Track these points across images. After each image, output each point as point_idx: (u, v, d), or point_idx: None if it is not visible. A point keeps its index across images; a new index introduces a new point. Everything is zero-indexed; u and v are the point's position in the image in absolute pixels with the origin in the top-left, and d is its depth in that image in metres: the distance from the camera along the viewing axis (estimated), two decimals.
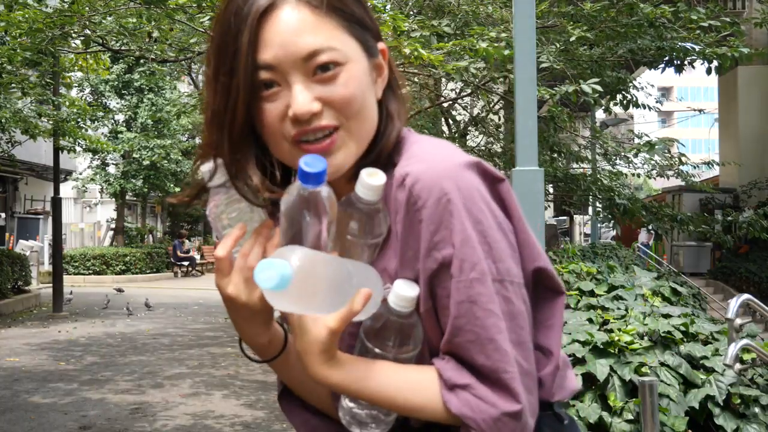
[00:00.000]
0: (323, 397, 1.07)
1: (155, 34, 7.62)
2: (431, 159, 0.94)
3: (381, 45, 1.01)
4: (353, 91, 0.94)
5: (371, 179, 0.92)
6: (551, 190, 11.89)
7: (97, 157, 21.39)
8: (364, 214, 0.93)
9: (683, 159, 10.70)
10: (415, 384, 0.93)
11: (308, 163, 0.88)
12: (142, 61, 12.13)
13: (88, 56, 10.67)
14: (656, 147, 8.73)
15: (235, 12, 0.92)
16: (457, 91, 10.00)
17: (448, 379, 0.91)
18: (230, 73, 0.92)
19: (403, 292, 0.91)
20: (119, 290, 16.54)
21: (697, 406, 3.01)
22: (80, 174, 23.01)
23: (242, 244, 0.96)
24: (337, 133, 0.94)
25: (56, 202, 13.70)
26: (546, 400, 0.97)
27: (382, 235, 0.95)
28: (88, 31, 7.65)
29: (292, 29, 0.91)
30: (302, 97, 0.91)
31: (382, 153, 0.99)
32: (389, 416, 0.97)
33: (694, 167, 12.42)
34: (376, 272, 0.94)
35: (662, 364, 3.17)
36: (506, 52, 5.36)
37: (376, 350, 0.94)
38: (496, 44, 5.56)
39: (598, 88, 6.04)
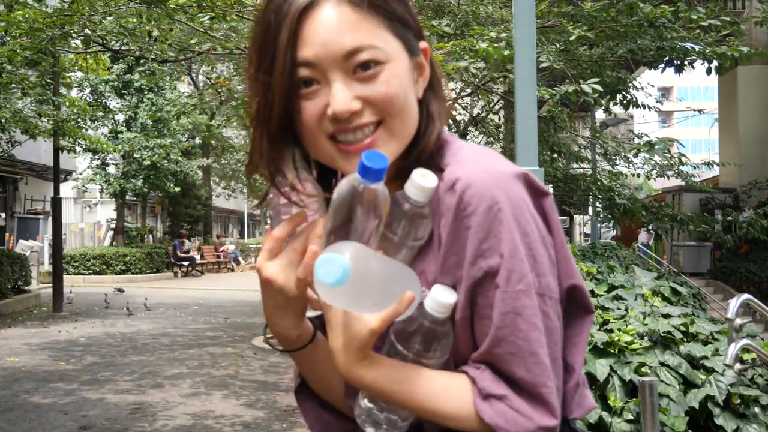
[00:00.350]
0: (342, 395, 1.06)
1: (155, 33, 7.62)
2: (482, 166, 0.93)
3: (423, 44, 1.00)
4: (395, 90, 0.93)
5: (424, 180, 0.90)
6: (551, 191, 11.88)
7: (97, 157, 21.40)
8: (410, 214, 0.92)
9: (683, 159, 10.70)
10: (448, 390, 0.91)
11: (370, 157, 0.86)
12: (142, 61, 12.12)
13: (88, 56, 10.67)
14: (656, 147, 8.73)
15: (275, 10, 0.92)
16: (457, 91, 10.00)
17: (483, 388, 0.90)
18: (269, 71, 0.92)
19: (442, 298, 0.90)
20: (120, 290, 16.53)
21: (697, 406, 3.02)
22: (80, 174, 23.02)
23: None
24: (379, 131, 0.93)
25: (56, 202, 13.70)
26: (564, 417, 0.97)
27: (423, 239, 0.94)
28: (88, 31, 7.65)
29: (333, 27, 0.90)
30: (342, 96, 0.90)
31: (423, 154, 0.98)
32: (405, 421, 0.96)
33: (694, 167, 12.42)
34: (415, 275, 0.92)
35: (662, 364, 3.17)
36: (506, 52, 5.36)
37: (405, 353, 0.93)
38: (496, 44, 5.56)
39: (598, 87, 6.03)
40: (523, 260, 0.89)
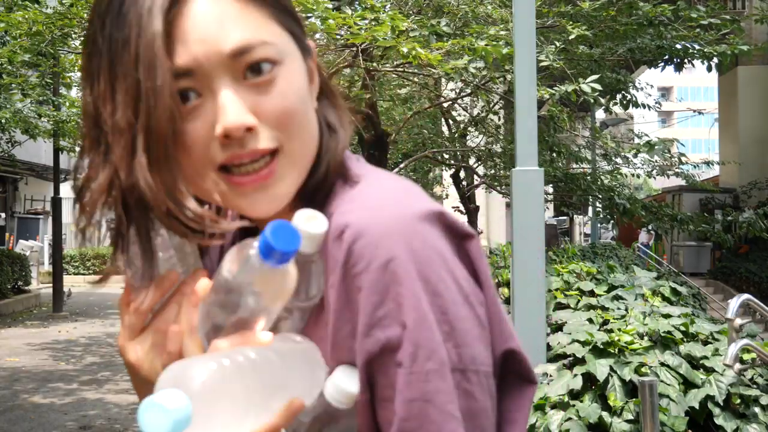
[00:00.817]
0: None
1: None
2: (379, 206, 0.73)
3: (310, 42, 0.82)
4: (293, 102, 0.74)
5: (310, 225, 0.72)
6: (551, 190, 11.89)
7: None
8: (297, 267, 0.72)
9: (683, 159, 10.71)
10: None
11: (276, 234, 0.66)
12: None
13: None
14: (656, 147, 8.73)
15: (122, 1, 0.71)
16: (457, 91, 10.00)
17: None
18: (136, 82, 0.69)
19: (347, 386, 0.71)
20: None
21: (697, 406, 3.01)
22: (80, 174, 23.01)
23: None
24: (277, 159, 0.74)
25: (56, 202, 13.71)
26: None
27: (315, 298, 0.75)
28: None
29: (214, 20, 0.71)
30: (233, 107, 0.70)
31: (328, 176, 0.79)
32: None
33: (694, 167, 12.42)
34: (313, 351, 0.73)
35: (662, 364, 3.17)
36: (505, 50, 5.36)
37: None
38: (494, 42, 5.56)
39: (598, 87, 6.03)
40: (432, 330, 0.69)
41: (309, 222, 0.72)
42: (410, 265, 0.69)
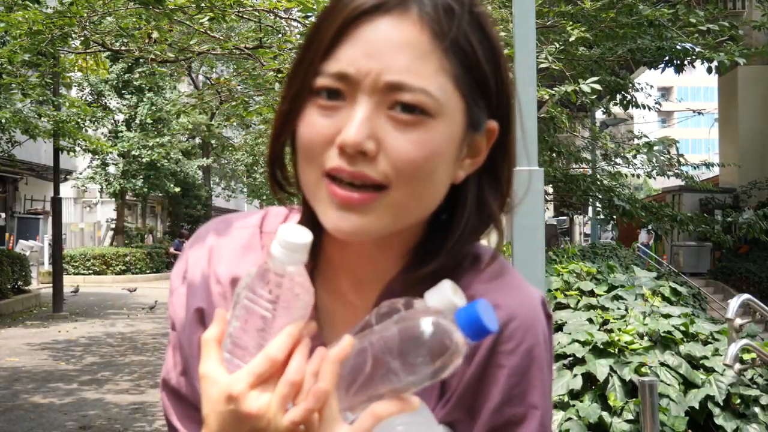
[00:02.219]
0: None
1: (155, 35, 7.63)
2: (520, 290, 0.80)
3: (492, 124, 0.78)
4: (425, 154, 0.71)
5: (458, 298, 0.70)
6: (551, 190, 11.89)
7: (97, 156, 21.41)
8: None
9: (682, 160, 10.72)
10: None
11: (487, 311, 0.66)
12: (141, 61, 12.12)
13: (87, 56, 10.67)
14: (655, 148, 8.73)
15: (334, 6, 0.74)
16: None
17: None
18: (298, 69, 0.75)
19: None
20: (132, 290, 16.53)
21: (697, 406, 3.02)
22: (80, 174, 23.03)
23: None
24: (380, 195, 0.72)
25: (56, 202, 13.71)
26: None
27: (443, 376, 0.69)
28: (87, 33, 7.65)
29: (394, 46, 0.70)
30: (360, 127, 0.70)
31: (447, 259, 0.78)
32: None
33: (694, 168, 12.42)
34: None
35: (662, 364, 3.17)
36: (505, 51, 5.36)
37: None
38: None
39: (598, 87, 6.03)
40: (550, 405, 0.80)
41: (456, 294, 0.71)
42: (546, 354, 0.79)
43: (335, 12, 0.73)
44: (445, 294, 0.70)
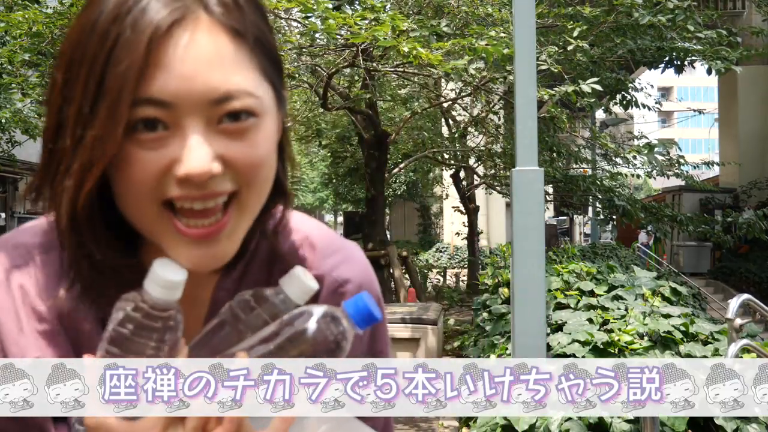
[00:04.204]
0: None
1: None
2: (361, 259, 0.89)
3: (285, 92, 0.79)
4: (262, 155, 0.71)
5: (310, 281, 0.73)
6: (551, 190, 11.91)
7: None
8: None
9: (681, 161, 10.73)
10: None
11: (371, 302, 0.70)
12: None
13: None
14: (655, 149, 8.74)
15: (114, 17, 0.66)
16: (457, 91, 10.01)
17: None
18: (95, 100, 0.65)
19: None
20: None
21: None
22: None
23: None
24: (231, 209, 0.71)
25: None
26: None
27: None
28: None
29: (205, 59, 0.66)
30: (200, 153, 0.66)
31: (278, 230, 0.82)
32: None
33: (694, 167, 12.43)
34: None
35: None
36: (505, 50, 5.36)
37: None
38: (495, 41, 5.56)
39: (598, 87, 6.03)
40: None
41: (307, 276, 0.72)
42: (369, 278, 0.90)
43: (126, 40, 0.65)
44: (302, 282, 0.72)
